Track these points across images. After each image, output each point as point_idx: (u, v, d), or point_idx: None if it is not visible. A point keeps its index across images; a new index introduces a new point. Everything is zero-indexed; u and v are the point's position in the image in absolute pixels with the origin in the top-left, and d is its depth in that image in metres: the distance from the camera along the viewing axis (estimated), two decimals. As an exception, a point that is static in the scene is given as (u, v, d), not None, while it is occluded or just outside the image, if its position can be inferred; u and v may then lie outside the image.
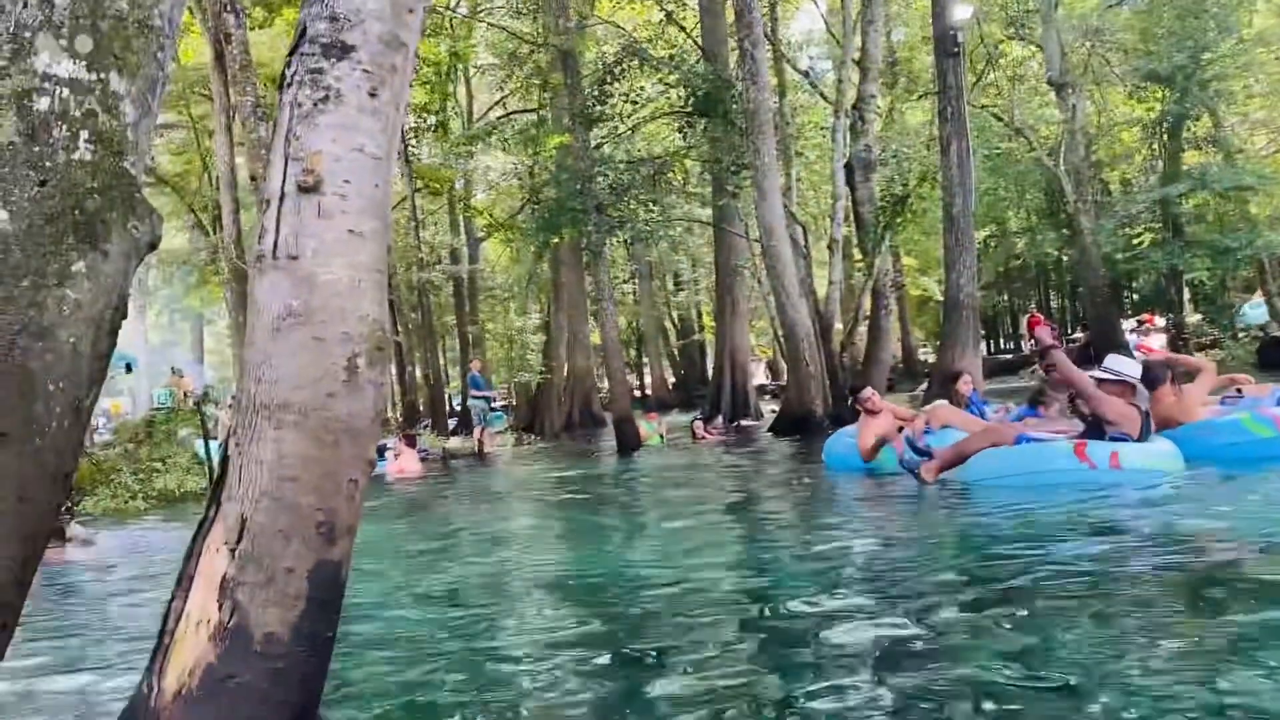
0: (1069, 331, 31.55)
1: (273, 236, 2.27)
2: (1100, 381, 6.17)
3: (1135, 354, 24.13)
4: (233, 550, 2.15)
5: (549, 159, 17.93)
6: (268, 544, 2.15)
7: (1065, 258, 33.73)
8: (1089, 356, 24.47)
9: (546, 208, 14.63)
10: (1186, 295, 28.59)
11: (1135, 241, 26.55)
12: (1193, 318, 27.98)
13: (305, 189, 2.27)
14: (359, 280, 2.30)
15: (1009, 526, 5.14)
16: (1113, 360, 6.36)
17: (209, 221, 23.99)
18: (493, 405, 18.67)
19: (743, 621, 3.55)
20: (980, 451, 6.38)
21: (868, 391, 8.27)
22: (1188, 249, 24.32)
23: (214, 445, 11.30)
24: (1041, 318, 6.76)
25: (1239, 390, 7.54)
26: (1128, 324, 29.07)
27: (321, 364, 2.23)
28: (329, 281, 2.26)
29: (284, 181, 2.30)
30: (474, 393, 17.63)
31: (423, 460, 14.38)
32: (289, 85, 2.38)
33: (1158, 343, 27.20)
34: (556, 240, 17.38)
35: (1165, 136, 25.79)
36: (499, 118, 26.79)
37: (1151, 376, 6.57)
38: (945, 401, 8.77)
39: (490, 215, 27.62)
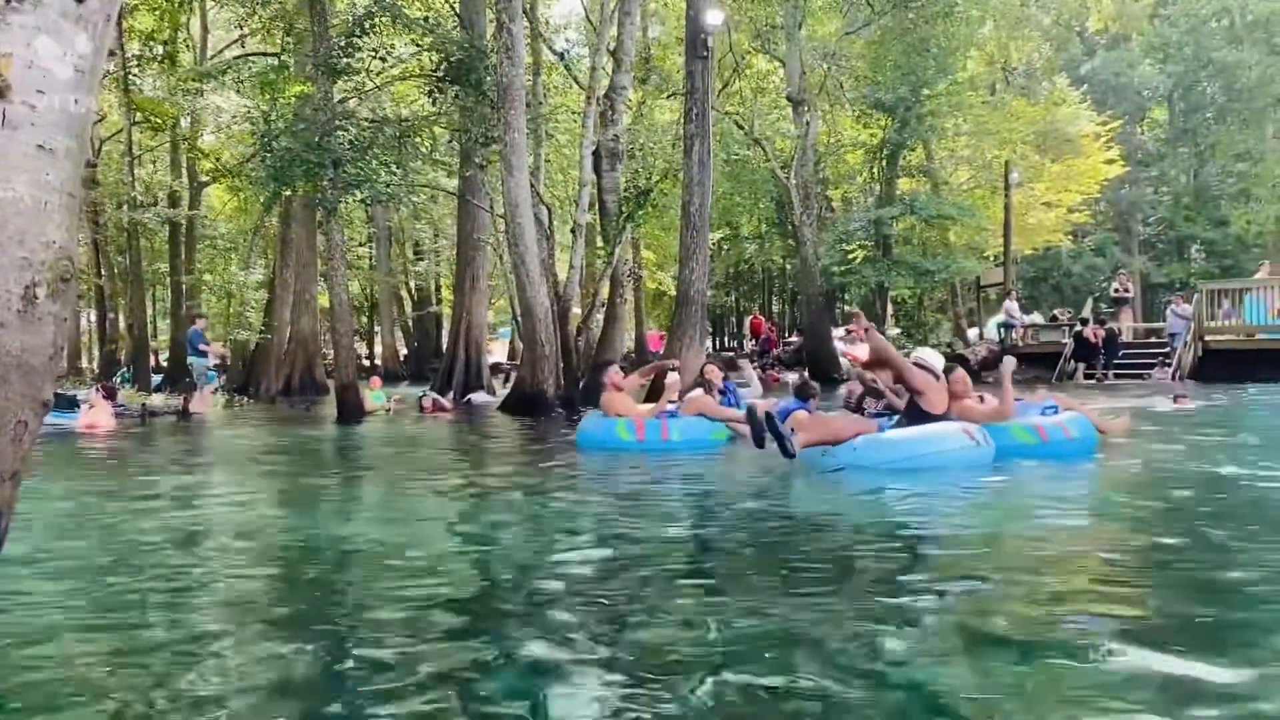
0: (786, 335, 33.58)
1: (-58, 140, 1.99)
2: (915, 365, 6.95)
3: (842, 360, 26.12)
4: None
5: (287, 107, 16.94)
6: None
7: (789, 266, 35.93)
8: (801, 359, 26.24)
9: (279, 157, 13.77)
10: (890, 310, 31.21)
11: (850, 256, 28.70)
12: (893, 331, 30.54)
13: (-12, 92, 2.01)
14: (45, 201, 2.06)
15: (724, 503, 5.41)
16: (921, 352, 7.35)
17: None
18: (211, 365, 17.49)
19: (447, 591, 3.51)
20: (852, 437, 6.66)
21: (612, 368, 8.51)
22: (894, 267, 26.57)
23: None
24: (763, 320, 7.25)
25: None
26: (838, 332, 31.39)
27: (-8, 289, 1.98)
28: (9, 199, 2.01)
29: (-38, 80, 2.02)
30: (200, 347, 16.42)
31: (118, 416, 13.22)
32: (-21, -26, 2.10)
33: (862, 352, 29.60)
34: (288, 193, 16.47)
35: (884, 162, 28.04)
36: (236, 57, 25.06)
37: (960, 386, 7.26)
38: (700, 391, 9.12)
39: (217, 160, 25.79)
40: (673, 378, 9.16)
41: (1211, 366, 18.87)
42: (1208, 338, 19.75)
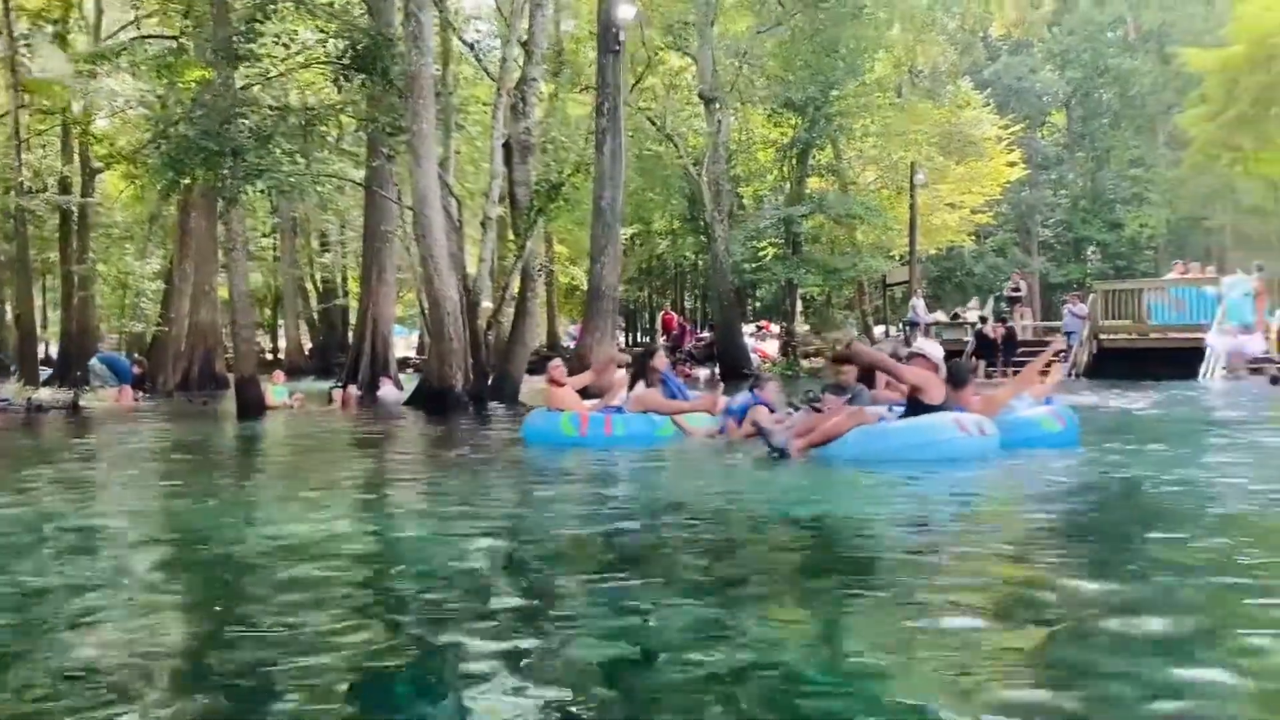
0: (698, 331, 33.79)
1: None
2: (911, 356, 7.00)
3: (752, 356, 26.36)
4: None
5: (185, 93, 16.34)
6: None
7: (701, 262, 36.15)
8: (712, 355, 26.44)
9: (176, 145, 13.27)
10: (799, 307, 31.67)
11: (761, 254, 29.02)
12: (802, 327, 31.01)
13: None
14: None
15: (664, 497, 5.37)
16: (922, 343, 7.53)
17: None
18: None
19: (347, 592, 3.39)
20: (849, 430, 6.64)
21: (555, 362, 8.39)
22: (803, 265, 26.94)
23: None
24: (675, 315, 7.23)
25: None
26: (748, 328, 31.74)
27: None
28: None
29: None
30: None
31: (1, 411, 12.62)
32: None
33: (772, 348, 30.00)
34: (187, 181, 15.90)
35: (794, 161, 28.38)
36: (132, 39, 24.11)
37: (959, 376, 7.25)
38: (644, 386, 9.05)
39: (112, 145, 24.79)
40: (620, 374, 9.10)
41: (1106, 364, 19.57)
42: (1103, 336, 20.48)
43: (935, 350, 7.09)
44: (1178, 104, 33.22)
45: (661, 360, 9.21)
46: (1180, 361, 17.86)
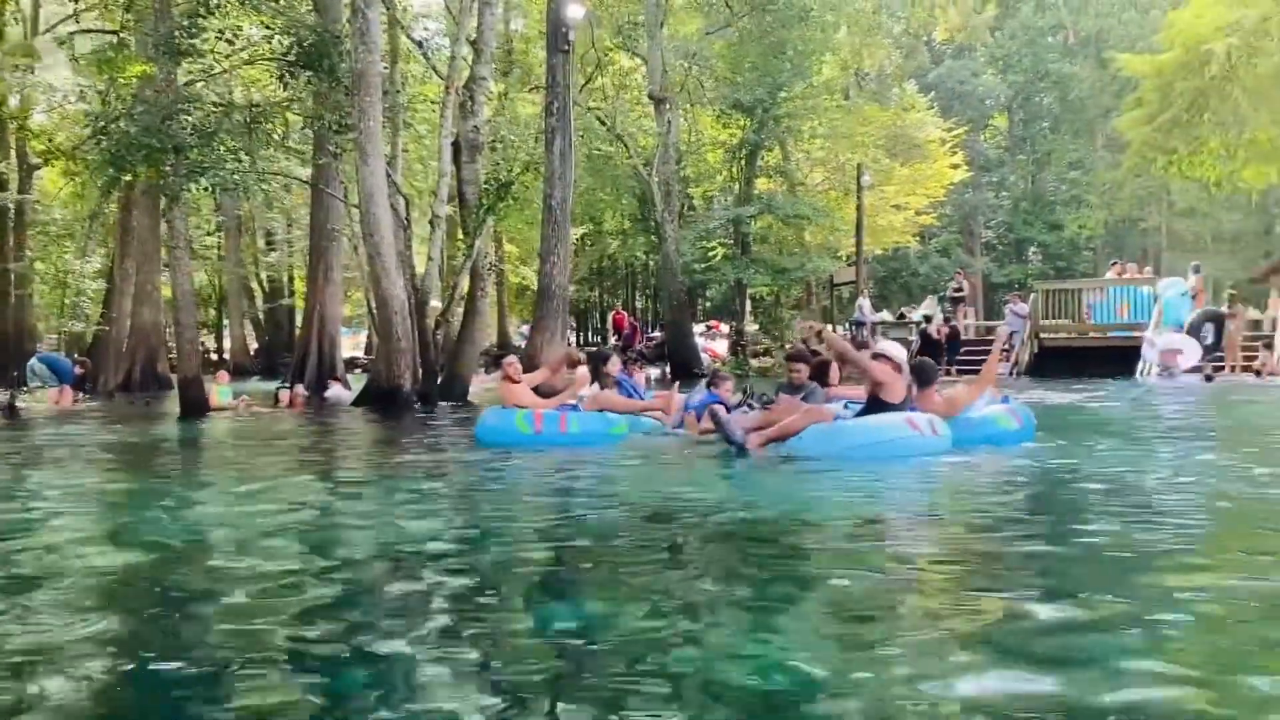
0: (649, 331, 33.90)
1: None
2: (875, 356, 7.09)
3: (702, 355, 26.51)
4: None
5: (126, 88, 16.06)
6: None
7: (652, 262, 36.26)
8: (663, 354, 26.54)
9: (118, 141, 13.05)
10: (748, 307, 31.87)
11: (710, 254, 29.18)
12: (751, 327, 31.20)
13: None
14: None
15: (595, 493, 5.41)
16: (884, 344, 7.61)
17: None
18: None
19: (292, 592, 3.41)
20: (804, 428, 6.76)
21: (510, 359, 8.38)
22: (753, 265, 27.14)
23: None
24: (625, 315, 7.30)
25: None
26: (698, 328, 31.90)
27: None
28: None
29: None
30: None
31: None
32: None
33: (722, 347, 30.19)
34: (129, 179, 15.65)
35: (743, 162, 28.57)
36: (70, 33, 23.63)
37: (926, 375, 7.47)
38: (598, 386, 9.09)
39: (50, 141, 24.27)
40: (580, 371, 9.11)
41: (1047, 363, 20.01)
42: (1043, 335, 20.93)
43: (898, 351, 7.26)
44: (1115, 108, 34.01)
45: (615, 365, 9.31)
46: (1118, 360, 18.35)
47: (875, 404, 6.85)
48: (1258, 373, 17.10)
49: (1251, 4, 22.36)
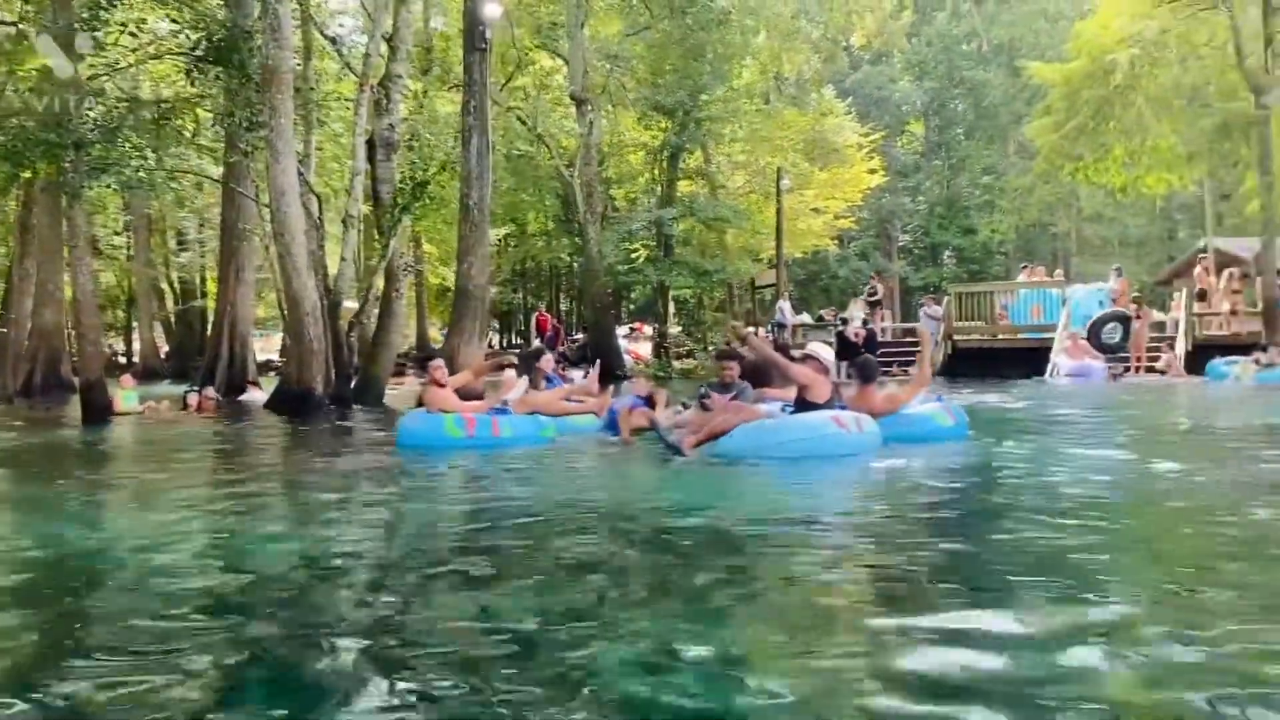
0: (572, 333, 33.81)
1: None
2: (805, 358, 7.30)
3: (625, 357, 26.54)
4: None
5: (25, 82, 15.46)
6: None
7: (575, 263, 36.19)
8: (586, 356, 26.53)
9: (15, 136, 12.57)
10: (671, 308, 32.03)
11: (633, 256, 29.26)
12: (674, 329, 31.37)
13: None
14: None
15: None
16: (813, 346, 7.66)
17: None
18: None
19: (197, 601, 3.30)
20: (735, 427, 6.79)
21: (437, 362, 8.24)
22: (675, 267, 27.28)
23: None
24: (549, 317, 7.27)
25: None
26: (621, 329, 31.94)
27: None
28: None
29: None
30: None
31: None
32: None
33: (644, 349, 30.27)
34: (28, 175, 15.08)
35: (665, 164, 28.73)
36: (-34, 23, 22.67)
37: (867, 373, 7.70)
38: (528, 386, 9.00)
39: (-56, 136, 23.28)
40: (509, 374, 9.01)
41: (961, 364, 20.45)
42: (956, 338, 21.39)
43: (826, 353, 7.42)
44: (1027, 115, 34.96)
45: (548, 363, 9.27)
46: (1029, 361, 18.84)
47: (802, 404, 7.01)
48: (1162, 372, 17.73)
49: (1153, 16, 23.16)
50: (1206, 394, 14.30)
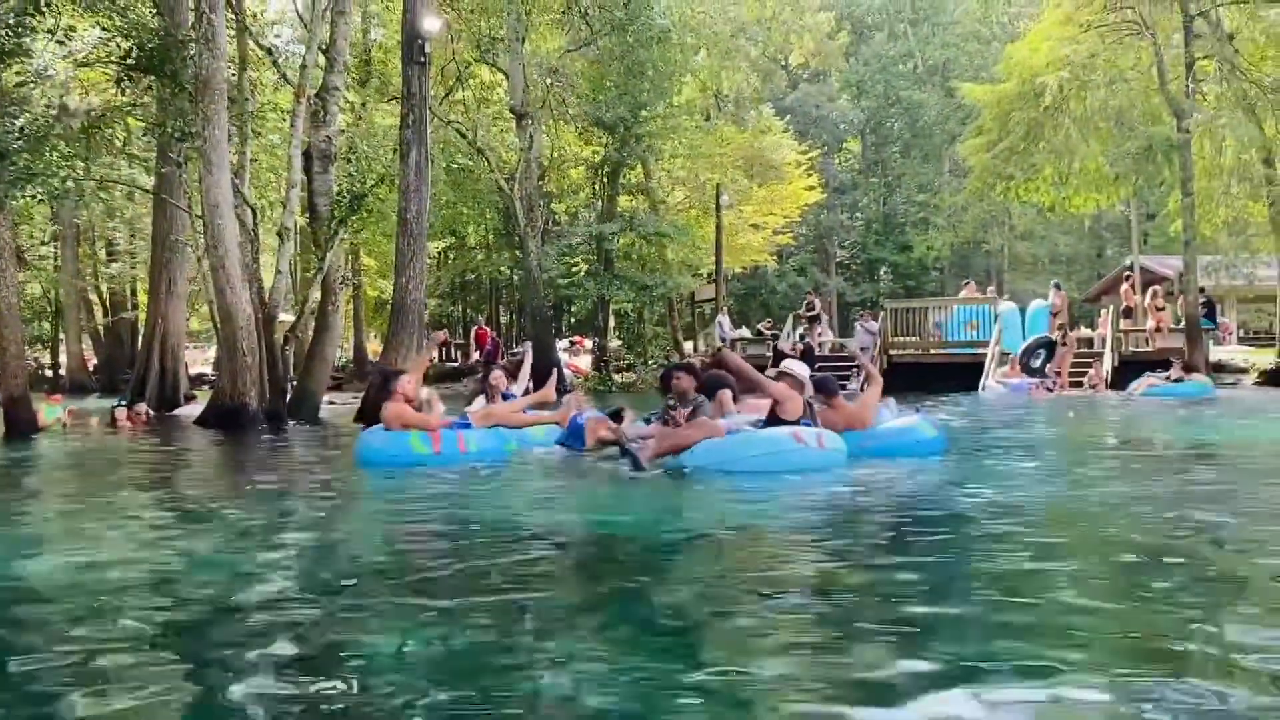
0: (511, 347, 33.67)
1: None
2: (780, 375, 7.32)
3: (565, 371, 26.54)
4: None
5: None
6: None
7: (516, 277, 36.08)
8: (528, 371, 26.41)
9: (-64, 144, 12.23)
10: (612, 323, 32.07)
11: (574, 270, 29.27)
12: (615, 343, 31.40)
13: None
14: None
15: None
16: (789, 363, 7.71)
17: None
18: None
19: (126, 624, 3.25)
20: (695, 442, 6.78)
21: (407, 377, 8.19)
22: (615, 281, 27.34)
23: None
24: (488, 331, 7.26)
25: None
26: (561, 343, 31.89)
27: None
28: None
29: None
30: None
31: None
32: None
33: (585, 363, 30.25)
34: (-52, 184, 14.65)
35: (606, 179, 28.82)
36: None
37: (828, 388, 7.69)
38: (485, 401, 8.95)
39: None
40: (428, 392, 8.93)
41: (896, 378, 20.79)
42: (892, 352, 21.76)
43: (801, 370, 7.46)
44: (961, 134, 35.72)
45: (499, 378, 9.26)
46: (963, 375, 19.26)
47: (773, 421, 7.06)
48: (1093, 386, 18.26)
49: (1081, 40, 23.85)
50: (1108, 409, 14.80)
